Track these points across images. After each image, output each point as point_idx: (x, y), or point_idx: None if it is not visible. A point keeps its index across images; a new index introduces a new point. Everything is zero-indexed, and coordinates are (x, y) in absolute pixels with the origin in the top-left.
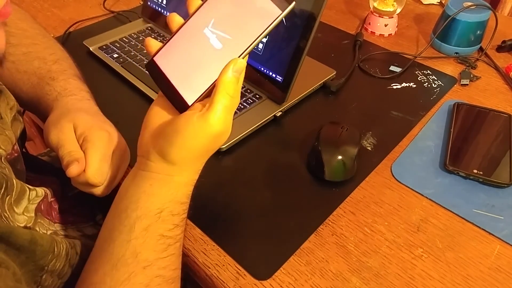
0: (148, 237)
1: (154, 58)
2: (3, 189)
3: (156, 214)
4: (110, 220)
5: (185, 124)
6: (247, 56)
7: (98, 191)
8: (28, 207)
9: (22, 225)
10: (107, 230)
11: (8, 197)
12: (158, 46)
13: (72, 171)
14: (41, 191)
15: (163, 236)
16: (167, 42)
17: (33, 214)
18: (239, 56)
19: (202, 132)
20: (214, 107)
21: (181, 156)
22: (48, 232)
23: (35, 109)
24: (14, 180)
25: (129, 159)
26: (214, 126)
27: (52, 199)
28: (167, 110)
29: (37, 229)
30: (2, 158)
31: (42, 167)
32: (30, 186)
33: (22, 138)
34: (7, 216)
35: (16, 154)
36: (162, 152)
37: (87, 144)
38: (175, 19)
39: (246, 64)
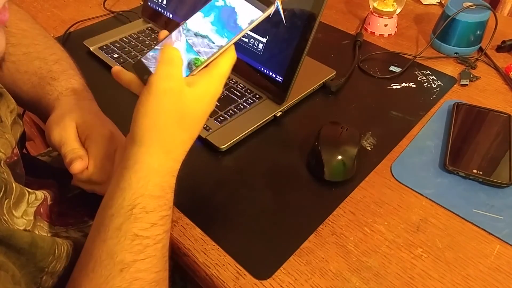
0: (122, 237)
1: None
2: (2, 193)
3: (128, 211)
4: (94, 219)
5: (140, 95)
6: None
7: (100, 189)
8: (27, 211)
9: (21, 228)
10: (91, 229)
11: (6, 201)
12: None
13: (76, 167)
14: (40, 194)
15: (138, 236)
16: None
17: (32, 218)
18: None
19: (148, 93)
20: (155, 69)
21: (142, 126)
22: (49, 235)
23: (35, 109)
24: (13, 184)
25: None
26: (156, 83)
27: (51, 202)
28: None
29: (37, 232)
30: (2, 162)
31: (40, 170)
32: (29, 190)
33: (22, 141)
34: (6, 219)
35: (15, 158)
36: (131, 133)
37: (90, 142)
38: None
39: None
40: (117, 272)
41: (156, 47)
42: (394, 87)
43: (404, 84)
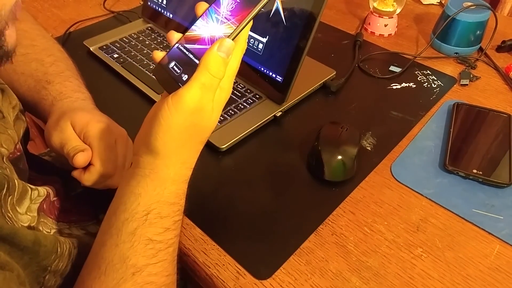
0: (136, 241)
1: (161, 62)
2: (5, 190)
3: (143, 216)
4: (104, 222)
5: (162, 105)
6: (243, 41)
7: (113, 181)
8: (31, 207)
9: (25, 224)
10: (100, 232)
11: (10, 197)
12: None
13: (78, 159)
14: (43, 190)
15: (152, 240)
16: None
17: (35, 214)
18: (228, 38)
19: (175, 110)
20: (189, 83)
21: (163, 141)
22: (52, 231)
23: (33, 111)
24: (15, 180)
25: (133, 147)
26: (186, 102)
27: (54, 199)
28: None
29: (41, 228)
30: (4, 157)
31: (44, 166)
32: (32, 186)
33: (25, 137)
34: (10, 216)
35: (18, 153)
36: (146, 142)
37: (89, 138)
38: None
39: (234, 45)
40: (129, 276)
41: (178, 45)
42: (394, 87)
43: (404, 84)
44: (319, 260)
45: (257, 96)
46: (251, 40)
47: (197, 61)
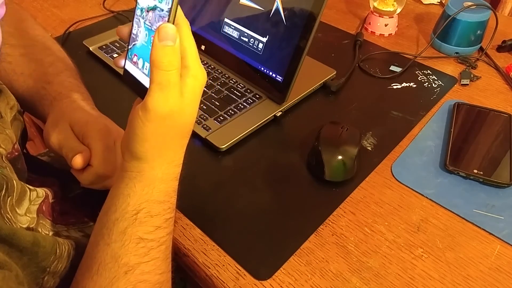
0: (127, 240)
1: (125, 66)
2: (3, 191)
3: (132, 216)
4: (96, 223)
5: (133, 116)
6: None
7: (112, 182)
8: (30, 208)
9: (25, 226)
10: (93, 234)
11: (9, 198)
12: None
13: (77, 161)
14: (41, 191)
15: (143, 239)
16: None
17: (35, 215)
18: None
19: (146, 120)
20: (149, 90)
21: (144, 148)
22: (51, 233)
23: (32, 111)
24: (14, 181)
25: (120, 150)
26: (153, 110)
27: (53, 200)
28: None
29: (40, 230)
30: (3, 157)
31: (42, 168)
32: (30, 187)
33: (23, 138)
34: (9, 217)
35: (16, 153)
36: (129, 149)
37: (88, 139)
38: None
39: (175, 28)
40: (122, 275)
41: (130, 47)
42: (395, 87)
43: (404, 84)
44: (319, 260)
45: (257, 96)
46: (251, 39)
47: None
